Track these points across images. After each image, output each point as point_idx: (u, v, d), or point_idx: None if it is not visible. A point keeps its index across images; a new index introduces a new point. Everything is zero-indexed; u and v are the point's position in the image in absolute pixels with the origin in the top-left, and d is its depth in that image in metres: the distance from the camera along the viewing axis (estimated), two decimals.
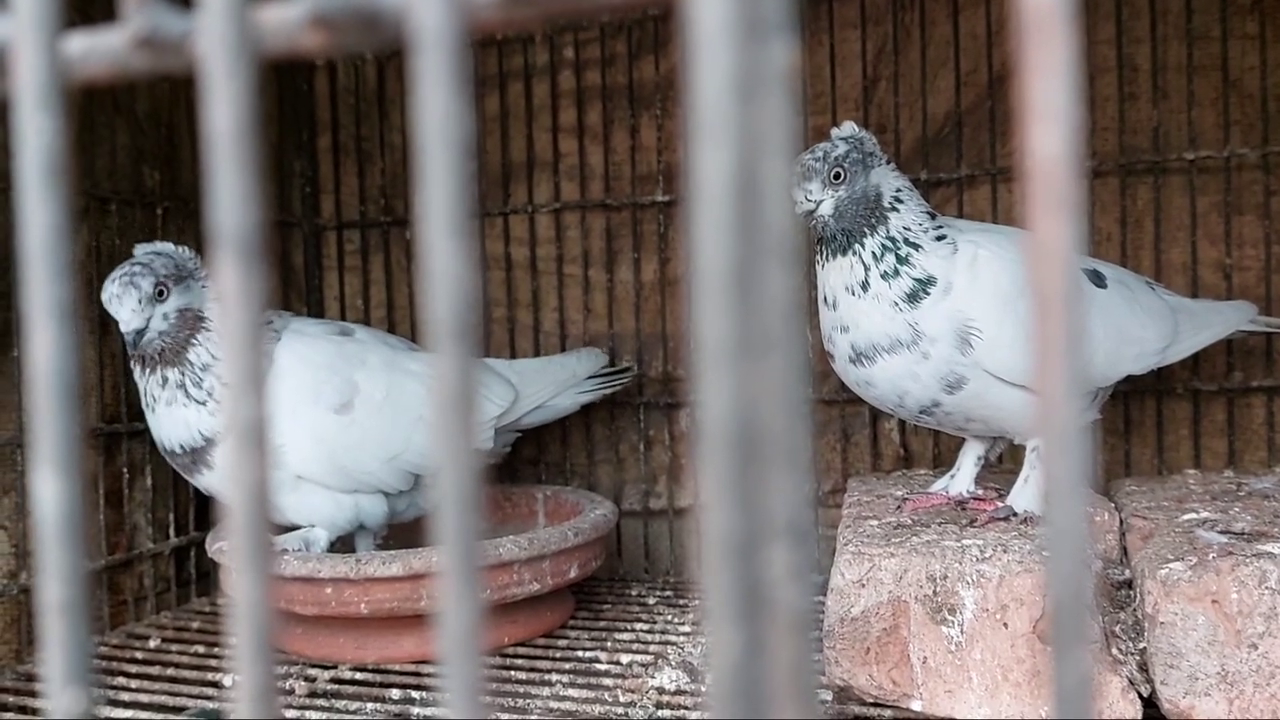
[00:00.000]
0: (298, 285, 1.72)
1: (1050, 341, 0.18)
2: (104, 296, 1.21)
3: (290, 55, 0.23)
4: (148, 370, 1.24)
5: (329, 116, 1.73)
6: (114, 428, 1.37)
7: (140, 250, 1.27)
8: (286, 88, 1.69)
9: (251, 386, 0.20)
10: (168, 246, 1.27)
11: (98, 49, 0.25)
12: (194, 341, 1.23)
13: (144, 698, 1.12)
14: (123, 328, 1.20)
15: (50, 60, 0.24)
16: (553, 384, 1.46)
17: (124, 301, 1.19)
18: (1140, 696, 0.89)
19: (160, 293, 1.21)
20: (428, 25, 0.20)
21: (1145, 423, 1.43)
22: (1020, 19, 0.19)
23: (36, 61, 0.24)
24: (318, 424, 1.26)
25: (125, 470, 1.39)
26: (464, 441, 0.21)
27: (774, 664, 0.17)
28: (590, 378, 1.51)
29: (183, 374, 1.23)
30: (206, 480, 1.26)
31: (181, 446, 1.24)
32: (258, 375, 0.20)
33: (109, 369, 1.37)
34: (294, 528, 1.30)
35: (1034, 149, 0.18)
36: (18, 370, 1.25)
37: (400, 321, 1.72)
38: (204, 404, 1.22)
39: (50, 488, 0.23)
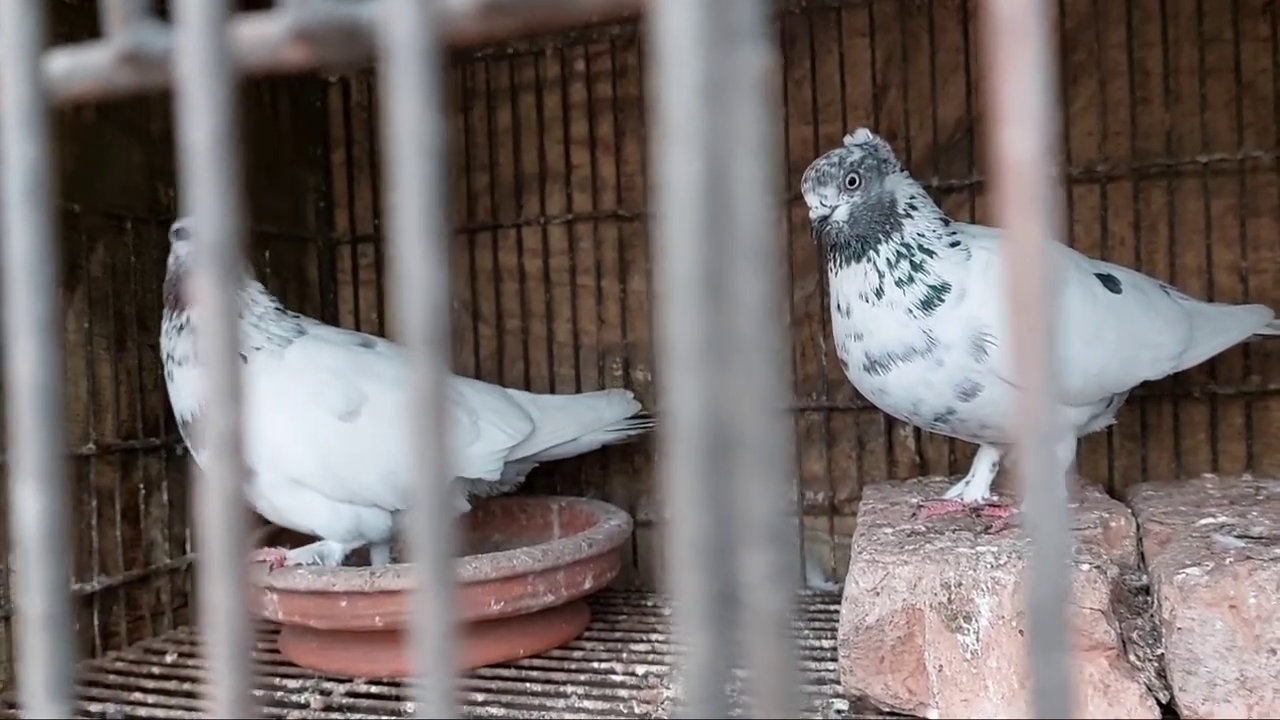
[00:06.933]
0: (313, 299, 1.72)
1: (1027, 341, 0.18)
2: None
3: (272, 69, 0.23)
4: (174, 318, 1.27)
5: (343, 132, 1.74)
6: (130, 444, 1.38)
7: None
8: (300, 104, 1.70)
9: (230, 399, 0.20)
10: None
11: (82, 67, 0.25)
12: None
13: (160, 713, 1.12)
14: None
15: (33, 81, 0.24)
16: (576, 424, 1.44)
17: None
18: (1159, 703, 0.88)
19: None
20: (401, 34, 0.20)
21: (1162, 427, 1.42)
22: (991, 20, 0.19)
23: (20, 83, 0.24)
24: (317, 427, 1.26)
25: (142, 486, 1.39)
26: (438, 452, 0.21)
27: (752, 669, 0.17)
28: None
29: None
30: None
31: (193, 414, 1.25)
32: (236, 388, 0.21)
33: (125, 385, 1.37)
34: (305, 538, 1.30)
35: (1006, 151, 0.18)
36: None
37: None
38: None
39: (33, 503, 0.23)
